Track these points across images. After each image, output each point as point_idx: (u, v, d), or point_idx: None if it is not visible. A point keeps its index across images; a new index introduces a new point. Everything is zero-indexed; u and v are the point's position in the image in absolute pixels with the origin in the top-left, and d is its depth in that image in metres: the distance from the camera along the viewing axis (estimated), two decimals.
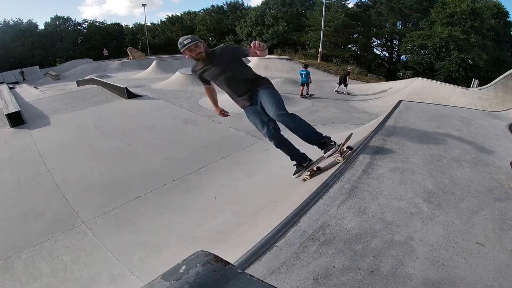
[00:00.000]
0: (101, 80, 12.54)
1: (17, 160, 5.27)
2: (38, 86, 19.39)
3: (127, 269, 2.55)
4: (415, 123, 3.38)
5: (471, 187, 2.04)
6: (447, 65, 23.57)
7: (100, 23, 40.54)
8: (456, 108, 4.79)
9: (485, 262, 1.41)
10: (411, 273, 1.33)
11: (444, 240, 1.54)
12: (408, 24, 29.94)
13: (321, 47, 24.27)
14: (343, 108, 9.71)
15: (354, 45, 32.21)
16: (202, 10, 41.18)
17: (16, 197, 4.07)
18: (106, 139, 5.98)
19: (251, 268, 1.37)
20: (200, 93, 10.94)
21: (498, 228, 1.64)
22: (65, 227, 3.30)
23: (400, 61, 30.69)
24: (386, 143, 2.74)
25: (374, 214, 1.73)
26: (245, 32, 35.98)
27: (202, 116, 7.36)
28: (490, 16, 25.25)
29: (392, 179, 2.11)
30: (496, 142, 2.94)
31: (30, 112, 8.41)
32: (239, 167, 4.52)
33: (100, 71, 25.17)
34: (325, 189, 1.98)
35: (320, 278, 1.31)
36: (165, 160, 4.90)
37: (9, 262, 2.82)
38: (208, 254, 0.65)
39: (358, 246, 1.49)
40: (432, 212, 1.76)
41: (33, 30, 36.04)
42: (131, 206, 3.61)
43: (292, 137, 2.79)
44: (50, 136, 6.42)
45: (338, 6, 30.18)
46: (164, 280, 0.59)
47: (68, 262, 2.75)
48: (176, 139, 5.98)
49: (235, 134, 6.11)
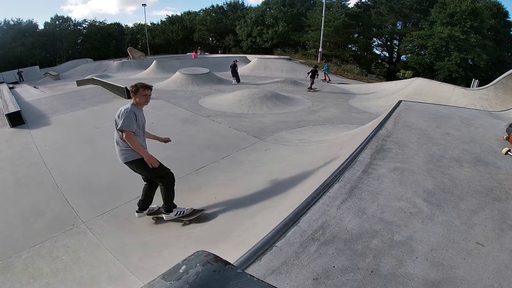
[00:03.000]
0: (101, 80, 12.54)
1: (17, 160, 5.27)
2: (38, 86, 19.40)
3: (127, 269, 2.55)
4: (415, 123, 3.38)
5: (471, 187, 2.04)
6: (447, 65, 23.59)
7: (100, 23, 40.55)
8: (456, 108, 4.79)
9: (485, 262, 1.40)
10: (411, 273, 1.33)
11: (444, 240, 1.54)
12: (408, 24, 29.95)
13: (321, 47, 24.29)
14: (343, 108, 9.71)
15: (354, 45, 32.22)
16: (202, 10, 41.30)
17: (16, 197, 4.07)
18: (106, 139, 5.97)
19: (251, 268, 1.37)
20: (200, 93, 10.96)
21: (498, 228, 1.64)
22: (65, 227, 3.30)
23: (400, 61, 30.71)
24: (386, 143, 2.73)
25: (374, 214, 1.73)
26: (245, 32, 35.99)
27: (202, 116, 7.36)
28: (490, 16, 25.26)
29: (392, 179, 2.11)
30: (496, 142, 2.94)
31: (30, 112, 8.41)
32: (239, 167, 4.52)
33: (100, 71, 25.19)
34: (325, 189, 1.98)
35: (320, 278, 1.31)
36: (165, 160, 4.86)
37: (9, 262, 2.82)
38: (208, 254, 0.65)
39: (358, 246, 1.49)
40: (432, 212, 1.76)
41: (33, 30, 36.07)
42: (131, 206, 3.61)
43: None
44: (50, 136, 6.42)
45: (338, 6, 30.21)
46: (164, 280, 0.59)
47: (68, 262, 2.75)
48: (176, 139, 5.96)
49: (235, 134, 6.11)
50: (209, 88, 12.34)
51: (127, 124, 2.89)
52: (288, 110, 8.69)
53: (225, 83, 13.77)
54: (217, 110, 8.06)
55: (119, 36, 41.38)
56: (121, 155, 3.05)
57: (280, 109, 8.62)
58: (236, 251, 1.69)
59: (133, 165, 3.10)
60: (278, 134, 6.08)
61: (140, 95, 3.03)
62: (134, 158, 3.02)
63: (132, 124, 2.92)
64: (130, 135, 2.91)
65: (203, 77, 13.32)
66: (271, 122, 7.06)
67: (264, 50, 33.82)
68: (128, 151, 3.01)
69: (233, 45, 38.86)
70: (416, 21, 28.68)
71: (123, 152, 3.03)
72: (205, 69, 14.64)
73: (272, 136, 5.94)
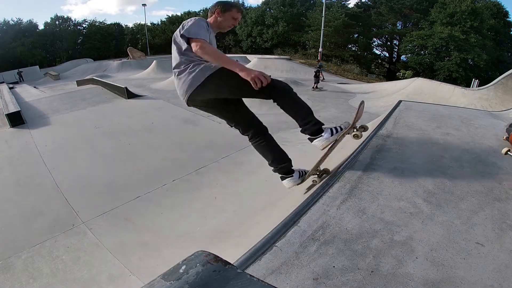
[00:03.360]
0: (101, 80, 12.54)
1: (17, 160, 5.27)
2: (38, 86, 19.40)
3: (127, 269, 2.55)
4: (415, 123, 3.37)
5: (471, 187, 2.04)
6: (447, 65, 23.60)
7: (100, 23, 40.57)
8: (456, 108, 4.79)
9: (485, 262, 1.40)
10: (411, 273, 1.33)
11: (444, 240, 1.54)
12: (408, 24, 29.96)
13: (321, 47, 24.27)
14: (343, 108, 9.71)
15: (354, 45, 32.23)
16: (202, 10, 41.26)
17: (16, 197, 4.07)
18: (106, 139, 5.98)
19: (251, 268, 1.37)
20: None
21: (498, 228, 1.64)
22: (65, 227, 3.30)
23: (400, 61, 30.72)
24: (386, 143, 2.73)
25: (374, 214, 1.73)
26: (245, 32, 35.99)
27: (202, 116, 7.35)
28: (490, 16, 25.27)
29: (392, 179, 2.11)
30: (496, 142, 2.93)
31: (30, 112, 8.41)
32: (239, 167, 4.52)
33: (100, 71, 25.18)
34: (325, 189, 1.98)
35: (320, 278, 1.31)
36: (165, 160, 4.90)
37: (9, 262, 2.82)
38: (208, 254, 0.65)
39: (358, 246, 1.49)
40: (432, 212, 1.76)
41: (33, 30, 36.09)
42: (131, 206, 3.61)
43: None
44: (50, 136, 6.42)
45: (338, 6, 30.21)
46: (164, 280, 0.59)
47: (68, 262, 2.75)
48: (176, 139, 5.98)
49: (235, 134, 6.08)
50: None
51: (197, 31, 1.95)
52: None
53: None
54: None
55: (119, 36, 41.41)
56: (190, 81, 2.02)
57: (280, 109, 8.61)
58: (236, 251, 1.69)
59: (211, 86, 2.01)
60: (278, 134, 6.05)
61: (229, 16, 2.21)
62: (211, 72, 1.99)
63: (204, 32, 1.99)
64: (203, 43, 1.90)
65: None
66: (271, 122, 7.01)
67: (264, 50, 33.82)
68: (198, 68, 1.98)
69: (233, 45, 38.86)
70: (416, 21, 28.69)
71: (192, 73, 2.00)
72: None
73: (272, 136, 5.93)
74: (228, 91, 2.09)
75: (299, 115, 2.09)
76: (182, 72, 2.07)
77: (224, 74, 1.94)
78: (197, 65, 2.00)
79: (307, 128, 2.10)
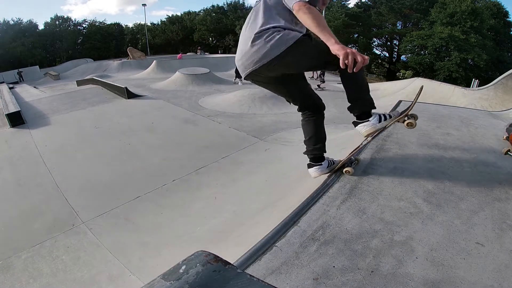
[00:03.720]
0: (101, 80, 12.54)
1: (17, 160, 5.27)
2: (38, 86, 19.39)
3: (127, 269, 2.55)
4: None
5: (471, 187, 2.04)
6: (447, 65, 23.61)
7: (100, 23, 40.59)
8: (456, 108, 4.79)
9: (485, 262, 1.40)
10: (411, 273, 1.33)
11: (444, 240, 1.54)
12: (408, 24, 29.98)
13: None
14: (344, 108, 9.68)
15: (354, 45, 32.21)
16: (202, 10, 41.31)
17: (16, 197, 4.07)
18: (106, 139, 5.98)
19: (251, 268, 1.37)
20: (200, 93, 10.95)
21: (498, 228, 1.64)
22: (65, 227, 3.30)
23: (400, 61, 30.74)
24: (386, 143, 2.73)
25: (374, 214, 1.73)
26: None
27: (202, 116, 7.35)
28: (490, 16, 25.29)
29: (392, 179, 2.11)
30: (496, 142, 2.93)
31: (30, 112, 8.41)
32: (239, 167, 4.51)
33: (100, 71, 25.18)
34: (325, 189, 1.98)
35: (320, 278, 1.31)
36: (165, 160, 4.90)
37: (9, 262, 2.82)
38: (208, 254, 0.65)
39: (358, 246, 1.49)
40: (432, 212, 1.76)
41: (33, 30, 36.10)
42: (131, 206, 3.61)
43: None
44: (50, 136, 6.42)
45: (338, 6, 30.23)
46: (164, 280, 0.59)
47: (68, 262, 2.75)
48: (176, 139, 5.98)
49: (235, 134, 6.11)
50: (209, 88, 12.34)
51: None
52: (288, 110, 8.68)
53: (225, 83, 13.77)
54: (217, 110, 8.06)
55: (119, 36, 41.43)
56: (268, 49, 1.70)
57: (280, 109, 8.61)
58: (236, 251, 1.69)
59: (291, 57, 1.72)
60: (278, 134, 6.07)
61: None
62: (293, 41, 1.69)
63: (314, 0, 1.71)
64: (310, 7, 1.61)
65: (203, 77, 13.32)
66: (271, 122, 7.06)
67: None
68: (278, 35, 1.68)
69: (233, 45, 38.85)
70: (416, 21, 28.72)
71: (271, 41, 1.69)
72: (205, 69, 14.64)
73: (272, 136, 5.94)
74: (305, 65, 1.87)
75: (356, 88, 1.89)
76: (258, 38, 1.73)
77: (311, 44, 1.71)
78: (277, 32, 1.70)
79: (356, 106, 1.95)
